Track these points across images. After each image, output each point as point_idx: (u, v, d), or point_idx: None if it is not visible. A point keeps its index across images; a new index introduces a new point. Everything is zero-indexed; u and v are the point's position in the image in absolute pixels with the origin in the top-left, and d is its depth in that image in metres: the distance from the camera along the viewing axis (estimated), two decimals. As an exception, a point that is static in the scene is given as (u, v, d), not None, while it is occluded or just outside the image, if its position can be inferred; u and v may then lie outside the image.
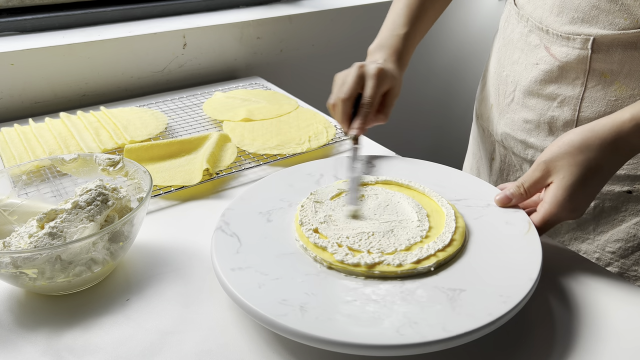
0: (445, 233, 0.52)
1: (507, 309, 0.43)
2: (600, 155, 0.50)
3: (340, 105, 0.67)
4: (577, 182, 0.50)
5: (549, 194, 0.52)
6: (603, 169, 0.50)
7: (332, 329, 0.42)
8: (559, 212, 0.51)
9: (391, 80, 0.68)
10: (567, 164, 0.51)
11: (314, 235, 0.52)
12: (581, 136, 0.51)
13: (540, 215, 0.52)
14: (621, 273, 0.66)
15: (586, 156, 0.50)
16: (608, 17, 0.59)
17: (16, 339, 0.47)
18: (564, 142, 0.52)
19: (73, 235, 0.50)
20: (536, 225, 0.52)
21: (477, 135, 0.85)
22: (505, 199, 0.56)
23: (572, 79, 0.63)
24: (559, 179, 0.51)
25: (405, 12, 0.74)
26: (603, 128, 0.50)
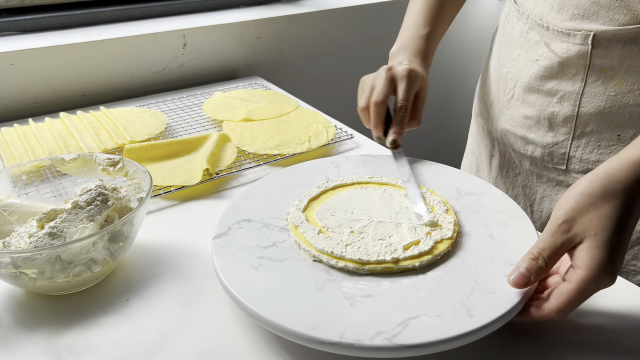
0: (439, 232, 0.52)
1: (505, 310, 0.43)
2: (628, 199, 0.42)
3: (374, 109, 0.65)
4: (614, 236, 0.42)
5: (583, 258, 0.42)
6: (633, 213, 0.43)
7: (328, 328, 0.42)
8: (600, 276, 0.41)
9: (421, 80, 0.68)
10: (596, 217, 0.42)
11: (317, 235, 0.52)
12: (600, 184, 0.43)
13: (575, 284, 0.42)
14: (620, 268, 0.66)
15: (614, 204, 0.42)
16: (608, 13, 0.59)
17: (16, 339, 0.47)
18: (581, 194, 0.43)
19: (73, 235, 0.49)
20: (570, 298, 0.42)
21: (476, 133, 0.85)
22: (521, 279, 0.44)
23: (572, 74, 0.64)
24: (591, 236, 0.42)
25: (425, 12, 0.74)
26: (620, 170, 0.43)
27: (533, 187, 0.74)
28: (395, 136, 0.66)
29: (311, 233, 0.52)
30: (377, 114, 0.66)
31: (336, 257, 0.49)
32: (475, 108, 0.85)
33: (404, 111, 0.66)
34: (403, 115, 0.66)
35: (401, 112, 0.66)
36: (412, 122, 0.69)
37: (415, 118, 0.69)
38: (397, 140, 0.66)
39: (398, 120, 0.66)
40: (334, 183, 0.62)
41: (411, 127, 0.69)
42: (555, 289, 0.43)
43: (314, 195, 0.59)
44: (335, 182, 0.62)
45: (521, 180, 0.75)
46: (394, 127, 0.66)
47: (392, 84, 0.67)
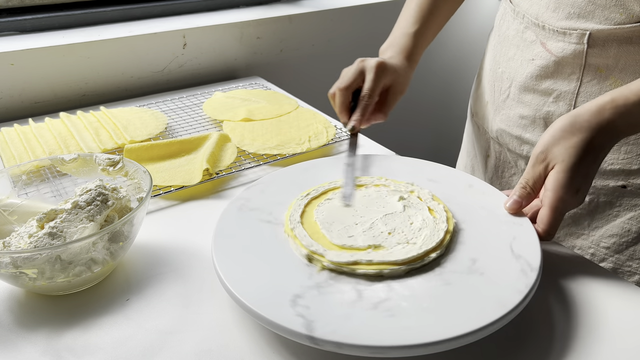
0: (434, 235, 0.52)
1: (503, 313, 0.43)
2: (591, 135, 0.51)
3: (339, 94, 0.68)
4: (576, 162, 0.50)
5: (551, 181, 0.52)
6: (595, 148, 0.51)
7: (324, 326, 0.42)
8: (564, 196, 0.51)
9: (392, 74, 0.69)
10: (564, 148, 0.51)
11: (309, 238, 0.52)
12: (569, 120, 0.52)
13: (547, 206, 0.51)
14: (615, 268, 0.66)
15: (579, 137, 0.51)
16: (604, 12, 0.59)
17: (16, 339, 0.47)
18: (554, 130, 0.52)
19: (73, 235, 0.50)
20: (548, 218, 0.51)
21: (472, 133, 0.85)
22: (515, 204, 0.55)
23: (567, 74, 0.64)
24: (559, 163, 0.51)
25: (416, 10, 0.76)
26: (587, 112, 0.52)
27: None
28: (355, 123, 0.67)
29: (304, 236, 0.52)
30: (340, 99, 0.68)
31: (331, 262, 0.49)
32: (471, 108, 0.85)
33: (366, 100, 0.67)
34: (365, 103, 0.67)
35: (364, 101, 0.68)
36: (378, 115, 0.70)
37: (381, 111, 0.70)
38: (355, 127, 0.67)
39: (360, 107, 0.68)
40: (334, 184, 0.62)
41: (377, 120, 0.71)
42: (538, 217, 0.53)
43: (314, 195, 0.59)
44: (334, 183, 0.62)
45: (517, 180, 0.75)
46: (355, 114, 0.68)
47: (361, 74, 0.68)
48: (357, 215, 0.56)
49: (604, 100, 0.52)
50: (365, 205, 0.57)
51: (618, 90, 0.52)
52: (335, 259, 0.49)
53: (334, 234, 0.52)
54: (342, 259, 0.49)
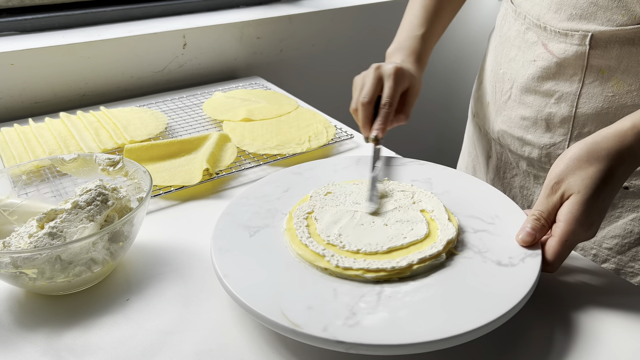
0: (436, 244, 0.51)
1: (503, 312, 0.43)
2: (609, 166, 0.48)
3: (362, 109, 0.67)
4: (594, 195, 0.48)
5: (564, 212, 0.49)
6: (613, 178, 0.49)
7: (322, 325, 0.42)
8: (576, 229, 0.48)
9: (409, 78, 0.69)
10: (581, 178, 0.48)
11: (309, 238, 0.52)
12: (586, 149, 0.49)
13: (557, 238, 0.48)
14: (618, 269, 0.66)
15: (597, 168, 0.48)
16: (606, 13, 0.59)
17: (16, 339, 0.47)
18: (570, 158, 0.50)
19: (73, 235, 0.50)
20: (556, 250, 0.48)
21: (473, 134, 0.85)
22: (528, 237, 0.50)
23: (569, 75, 0.64)
24: (575, 194, 0.48)
25: (421, 12, 0.75)
26: (606, 139, 0.49)
27: (530, 188, 0.74)
28: (377, 132, 0.66)
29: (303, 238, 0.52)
30: (364, 114, 0.67)
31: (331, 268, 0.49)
32: (472, 109, 0.85)
33: (387, 108, 0.67)
34: (387, 112, 0.67)
35: (385, 109, 0.67)
36: (400, 117, 0.70)
37: (402, 112, 0.69)
38: (378, 136, 0.67)
39: (382, 117, 0.67)
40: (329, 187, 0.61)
41: (399, 122, 0.70)
42: (546, 245, 0.50)
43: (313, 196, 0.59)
44: (332, 184, 0.62)
45: (518, 181, 0.75)
46: (377, 124, 0.67)
47: (380, 82, 0.68)
48: (358, 218, 0.56)
49: (625, 126, 0.49)
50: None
51: (638, 115, 0.50)
52: (339, 263, 0.48)
53: (331, 237, 0.52)
54: (346, 263, 0.49)
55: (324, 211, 0.56)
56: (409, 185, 0.61)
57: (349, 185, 0.61)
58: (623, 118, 0.50)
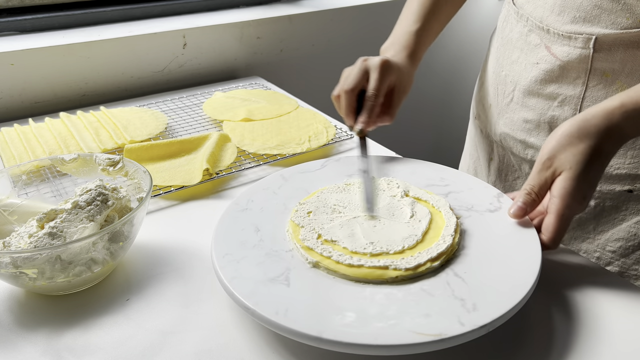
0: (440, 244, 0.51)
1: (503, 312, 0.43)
2: (599, 141, 0.50)
3: (344, 97, 0.66)
4: (584, 169, 0.50)
5: (558, 188, 0.51)
6: (602, 154, 0.50)
7: (321, 325, 0.42)
8: (571, 203, 0.50)
9: (397, 73, 0.68)
10: (571, 154, 0.50)
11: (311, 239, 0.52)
12: (577, 126, 0.51)
13: (554, 214, 0.50)
14: (621, 272, 0.66)
15: (587, 143, 0.50)
16: (610, 16, 0.59)
17: (16, 339, 0.47)
18: (561, 135, 0.51)
19: (73, 235, 0.49)
20: (555, 226, 0.50)
21: (474, 136, 0.85)
22: (520, 211, 0.53)
23: (573, 78, 0.63)
24: (566, 170, 0.50)
25: (417, 9, 0.74)
26: (595, 117, 0.51)
27: None
28: (363, 125, 0.66)
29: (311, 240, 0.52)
30: (346, 101, 0.66)
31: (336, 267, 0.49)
32: (473, 110, 0.85)
33: (372, 100, 0.65)
34: (372, 104, 0.66)
35: (369, 101, 0.66)
36: (384, 118, 0.68)
37: (387, 114, 0.68)
38: (363, 130, 0.66)
39: (367, 108, 0.66)
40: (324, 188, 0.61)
41: (383, 122, 0.69)
42: (543, 225, 0.51)
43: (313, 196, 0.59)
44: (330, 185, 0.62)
45: (520, 184, 0.75)
46: (362, 116, 0.66)
47: (366, 74, 0.66)
48: (358, 219, 0.56)
49: (613, 104, 0.51)
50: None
51: (627, 94, 0.51)
52: (343, 262, 0.49)
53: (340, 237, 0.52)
54: (349, 261, 0.49)
55: (322, 212, 0.56)
56: (403, 182, 0.61)
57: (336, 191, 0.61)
58: (613, 96, 0.52)
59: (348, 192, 0.60)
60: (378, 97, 0.66)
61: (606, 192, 0.65)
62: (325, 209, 0.57)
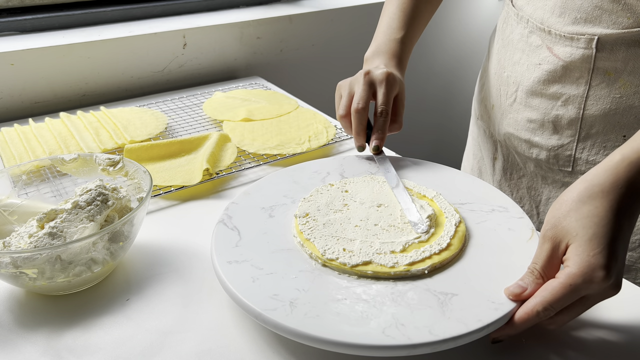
0: (444, 237, 0.52)
1: (498, 316, 0.43)
2: (608, 201, 0.43)
3: (356, 116, 0.64)
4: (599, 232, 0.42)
5: (571, 256, 0.42)
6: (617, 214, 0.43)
7: (320, 326, 0.42)
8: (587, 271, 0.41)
9: (399, 84, 0.67)
10: (575, 220, 0.43)
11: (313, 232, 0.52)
12: (577, 190, 0.44)
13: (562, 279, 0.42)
14: (628, 266, 0.66)
15: (592, 205, 0.43)
16: (611, 16, 0.59)
17: (16, 339, 0.47)
18: (562, 203, 0.45)
19: (73, 235, 0.49)
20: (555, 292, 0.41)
21: (477, 136, 0.85)
22: (517, 289, 0.45)
23: (575, 78, 0.63)
24: (573, 237, 0.42)
25: (399, 15, 0.73)
26: (597, 176, 0.44)
27: (538, 189, 0.73)
28: (378, 142, 0.64)
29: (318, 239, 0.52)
30: (358, 121, 0.64)
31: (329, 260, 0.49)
32: (475, 111, 0.85)
33: (384, 116, 0.64)
34: (384, 120, 0.64)
35: (382, 117, 0.64)
36: (393, 126, 0.67)
37: (396, 122, 0.67)
38: (379, 146, 0.65)
39: (379, 125, 0.65)
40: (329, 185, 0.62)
41: (392, 132, 0.68)
42: (543, 286, 0.43)
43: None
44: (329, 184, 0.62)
45: (526, 182, 0.75)
46: (376, 133, 0.65)
47: (372, 88, 0.65)
48: (361, 219, 0.56)
49: (614, 159, 0.45)
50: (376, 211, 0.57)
51: (627, 146, 0.45)
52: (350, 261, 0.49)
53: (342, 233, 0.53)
54: (341, 258, 0.49)
55: (323, 214, 0.56)
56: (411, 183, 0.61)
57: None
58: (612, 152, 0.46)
59: (348, 190, 0.60)
60: (389, 112, 0.65)
61: None
62: (328, 208, 0.56)
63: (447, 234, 0.52)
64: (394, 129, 0.68)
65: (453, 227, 0.53)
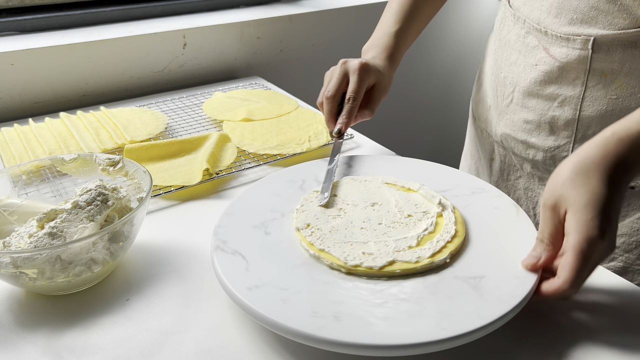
0: (448, 224, 0.53)
1: (528, 289, 0.45)
2: (599, 173, 0.46)
3: (326, 103, 0.68)
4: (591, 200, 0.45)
5: (570, 223, 0.46)
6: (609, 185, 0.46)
7: (375, 334, 0.42)
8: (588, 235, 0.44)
9: (375, 74, 0.70)
10: (571, 188, 0.46)
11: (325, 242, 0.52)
12: (573, 165, 0.47)
13: (571, 249, 0.44)
14: (625, 267, 0.66)
15: (585, 176, 0.46)
16: (607, 17, 0.59)
17: (16, 339, 0.47)
18: (559, 174, 0.48)
19: (73, 235, 0.50)
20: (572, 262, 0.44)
21: (475, 137, 0.85)
22: (532, 259, 0.48)
23: (572, 79, 0.64)
24: (570, 205, 0.46)
25: (397, 10, 0.76)
26: (589, 151, 0.47)
27: (535, 190, 0.74)
28: (341, 126, 0.67)
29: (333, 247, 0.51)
30: (328, 107, 0.68)
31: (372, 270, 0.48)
32: (473, 111, 0.85)
33: (352, 103, 0.68)
34: (351, 106, 0.68)
35: (349, 104, 0.68)
36: (364, 112, 0.70)
37: (367, 108, 0.70)
38: (341, 130, 0.67)
39: (346, 111, 0.68)
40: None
41: (364, 118, 0.71)
42: (560, 264, 0.46)
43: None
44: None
45: (523, 183, 0.75)
46: (341, 118, 0.68)
47: (345, 77, 0.69)
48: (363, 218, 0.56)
49: (605, 135, 0.48)
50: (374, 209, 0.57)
51: (619, 123, 0.48)
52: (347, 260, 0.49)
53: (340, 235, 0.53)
54: (366, 262, 0.49)
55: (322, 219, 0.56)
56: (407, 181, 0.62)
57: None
58: (605, 128, 0.49)
59: (337, 195, 0.60)
60: (357, 99, 0.68)
61: None
62: (326, 215, 0.56)
63: (451, 221, 0.53)
64: (365, 115, 0.71)
65: (452, 214, 0.54)
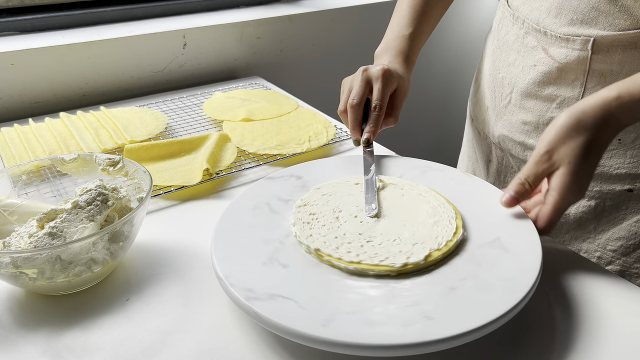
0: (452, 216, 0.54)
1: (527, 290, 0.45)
2: (595, 133, 0.50)
3: (351, 111, 0.66)
4: (583, 163, 0.50)
5: (557, 182, 0.51)
6: (598, 145, 0.51)
7: (330, 328, 0.42)
8: (568, 196, 0.51)
9: (397, 79, 0.68)
10: (570, 148, 0.50)
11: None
12: (574, 118, 0.51)
13: (551, 206, 0.51)
14: (623, 271, 0.66)
15: (584, 136, 0.50)
16: (608, 18, 0.59)
17: (16, 339, 0.47)
18: (560, 126, 0.51)
19: (73, 235, 0.50)
20: (549, 217, 0.51)
21: (472, 138, 0.85)
22: (511, 200, 0.54)
23: (571, 80, 0.63)
24: (565, 165, 0.50)
25: (409, 12, 0.74)
26: (592, 108, 0.51)
27: None
28: (369, 135, 0.66)
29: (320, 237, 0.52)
30: (353, 116, 0.66)
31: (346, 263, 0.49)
32: (470, 112, 0.85)
33: (378, 111, 0.66)
34: (378, 114, 0.66)
35: (376, 112, 0.66)
36: (389, 120, 0.69)
37: (392, 116, 0.69)
38: (370, 139, 0.66)
39: (372, 119, 0.66)
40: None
41: (388, 125, 0.69)
42: (539, 213, 0.53)
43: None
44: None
45: None
46: (368, 126, 0.66)
47: (368, 84, 0.67)
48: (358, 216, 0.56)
49: (610, 95, 0.51)
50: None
51: (624, 84, 0.51)
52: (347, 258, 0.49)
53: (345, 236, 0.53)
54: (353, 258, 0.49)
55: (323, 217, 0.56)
56: (398, 179, 0.62)
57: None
58: (610, 86, 0.52)
59: (348, 190, 0.60)
60: (383, 107, 0.66)
61: (606, 192, 0.65)
62: (329, 210, 0.57)
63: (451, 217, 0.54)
64: (389, 122, 0.69)
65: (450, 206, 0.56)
